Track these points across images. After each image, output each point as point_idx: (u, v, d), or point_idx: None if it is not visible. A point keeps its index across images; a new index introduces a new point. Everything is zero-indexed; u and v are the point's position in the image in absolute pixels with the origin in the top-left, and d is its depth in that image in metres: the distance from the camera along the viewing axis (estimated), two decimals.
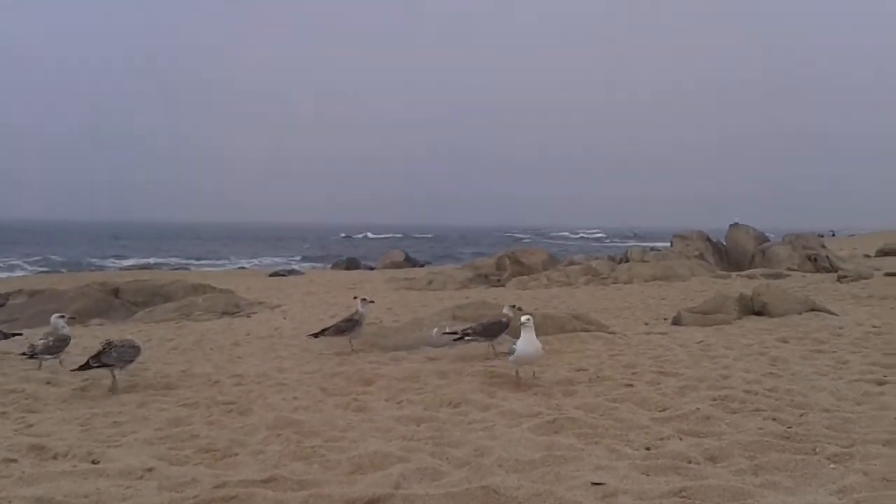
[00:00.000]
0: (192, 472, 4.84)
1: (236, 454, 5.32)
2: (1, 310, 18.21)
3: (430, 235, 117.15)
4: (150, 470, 4.84)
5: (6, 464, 5.05)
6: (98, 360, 7.65)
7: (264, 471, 4.80)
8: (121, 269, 40.16)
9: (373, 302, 10.47)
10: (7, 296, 21.18)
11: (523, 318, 7.47)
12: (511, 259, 24.21)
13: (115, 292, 18.03)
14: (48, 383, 7.97)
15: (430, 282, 23.07)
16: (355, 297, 10.79)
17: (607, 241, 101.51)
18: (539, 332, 10.74)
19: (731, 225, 26.63)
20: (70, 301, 17.03)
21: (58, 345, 8.70)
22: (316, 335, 10.35)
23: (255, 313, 16.25)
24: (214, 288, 19.11)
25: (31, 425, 6.26)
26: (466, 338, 9.22)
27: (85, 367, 7.62)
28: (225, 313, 16.25)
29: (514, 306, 9.73)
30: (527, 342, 7.34)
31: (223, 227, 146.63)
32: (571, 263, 24.27)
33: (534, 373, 7.66)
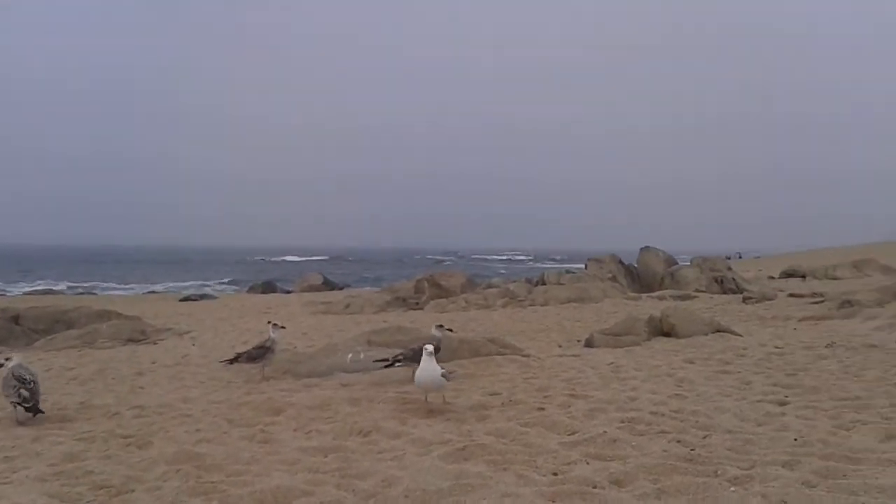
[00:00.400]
0: None
1: (132, 490, 5.07)
2: None
3: (350, 259, 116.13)
4: None
5: None
6: None
7: None
8: (24, 293, 38.26)
9: (284, 328, 10.23)
10: None
11: (427, 346, 7.44)
12: (430, 282, 24.21)
13: (15, 319, 17.10)
14: None
15: (348, 305, 22.84)
16: (269, 323, 10.54)
17: (530, 263, 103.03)
18: (455, 356, 10.79)
19: (641, 248, 27.37)
20: None
21: None
22: (231, 361, 10.05)
23: (162, 340, 15.69)
24: (120, 314, 18.38)
25: None
26: (397, 364, 9.08)
27: None
28: (130, 340, 15.62)
29: (441, 326, 9.70)
30: (422, 369, 7.29)
31: (136, 250, 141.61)
32: (489, 286, 24.47)
33: (444, 398, 7.59)
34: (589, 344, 12.21)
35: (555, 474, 5.15)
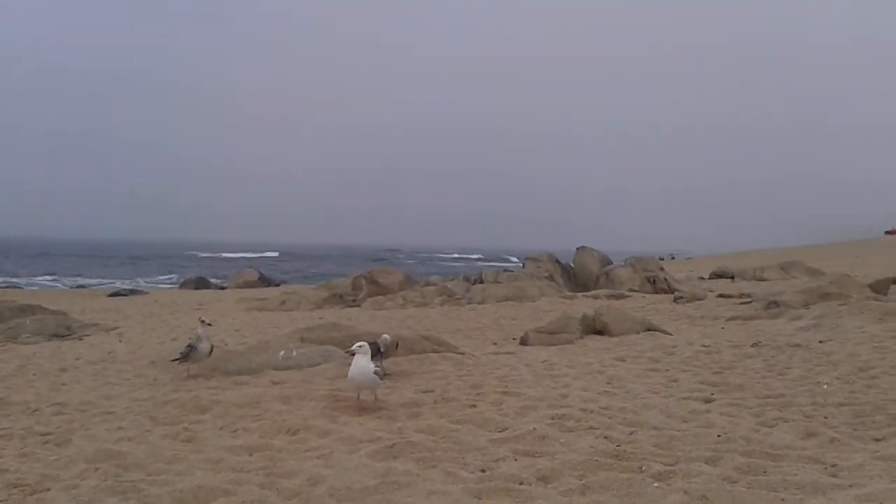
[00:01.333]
0: None
1: (48, 489, 4.88)
2: None
3: (275, 254, 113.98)
4: None
5: None
6: None
7: None
8: None
9: (211, 324, 9.96)
10: None
11: (356, 345, 7.35)
12: (367, 279, 24.05)
13: None
14: None
15: (284, 302, 22.52)
16: (201, 320, 10.28)
17: (481, 262, 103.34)
18: (389, 353, 10.72)
19: (578, 248, 27.72)
20: None
21: None
22: (179, 360, 9.71)
23: (88, 336, 15.19)
24: (45, 308, 17.71)
25: None
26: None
27: None
28: (55, 336, 15.08)
29: (386, 336, 9.53)
30: (355, 366, 7.21)
31: (69, 243, 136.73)
32: (428, 284, 24.42)
33: (376, 396, 7.52)
34: (524, 342, 12.29)
35: (482, 471, 5.15)
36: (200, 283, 36.49)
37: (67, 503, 4.61)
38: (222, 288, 36.02)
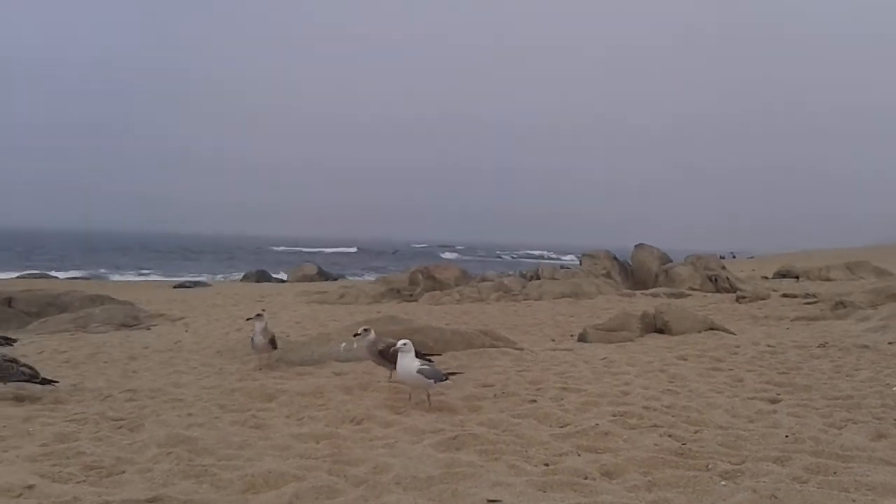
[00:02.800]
0: (73, 490, 4.58)
1: (123, 472, 5.06)
2: None
3: (353, 249, 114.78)
4: (30, 487, 4.56)
5: None
6: None
7: (150, 490, 4.57)
8: (15, 277, 38.10)
9: (259, 315, 9.95)
10: None
11: (400, 343, 7.31)
12: (424, 274, 24.19)
13: (8, 301, 17.05)
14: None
15: (342, 296, 22.82)
16: (263, 310, 10.47)
17: (531, 259, 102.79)
18: (448, 347, 10.79)
19: (636, 245, 27.37)
20: None
21: None
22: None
23: (155, 326, 15.66)
24: (113, 299, 18.33)
25: None
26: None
27: None
28: (123, 325, 15.59)
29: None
30: (399, 366, 7.20)
31: (134, 237, 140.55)
32: (484, 280, 24.43)
33: (429, 396, 7.31)
34: (582, 339, 12.22)
35: (546, 465, 5.16)
36: (261, 277, 37.24)
37: (142, 485, 4.78)
38: (282, 281, 36.67)
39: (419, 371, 7.15)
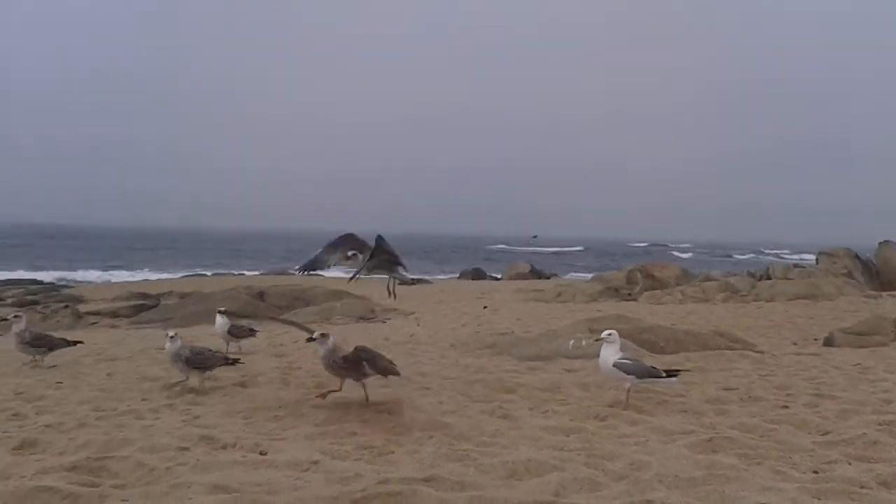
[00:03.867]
0: (354, 467, 5.03)
1: (392, 452, 5.48)
2: (155, 310, 19.59)
3: (580, 248, 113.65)
4: (315, 463, 5.07)
5: (181, 452, 5.40)
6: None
7: (421, 470, 4.92)
8: (259, 273, 42.07)
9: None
10: (159, 297, 22.81)
11: (604, 333, 7.10)
12: (642, 273, 23.69)
13: (261, 295, 18.98)
14: (207, 378, 8.47)
15: (559, 294, 22.92)
16: (484, 307, 10.85)
17: (741, 256, 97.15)
18: (680, 347, 10.54)
19: (880, 242, 24.97)
20: (218, 303, 18.05)
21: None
22: None
23: (389, 319, 16.67)
24: (351, 294, 19.73)
25: (197, 417, 6.66)
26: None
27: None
28: (361, 318, 16.77)
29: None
30: (600, 357, 7.07)
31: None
32: (707, 279, 23.45)
33: (627, 395, 7.08)
34: (828, 343, 11.42)
35: (815, 472, 4.92)
36: (477, 274, 38.33)
37: (412, 465, 5.15)
38: (496, 279, 37.47)
39: (616, 364, 6.95)
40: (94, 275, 46.29)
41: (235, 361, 8.33)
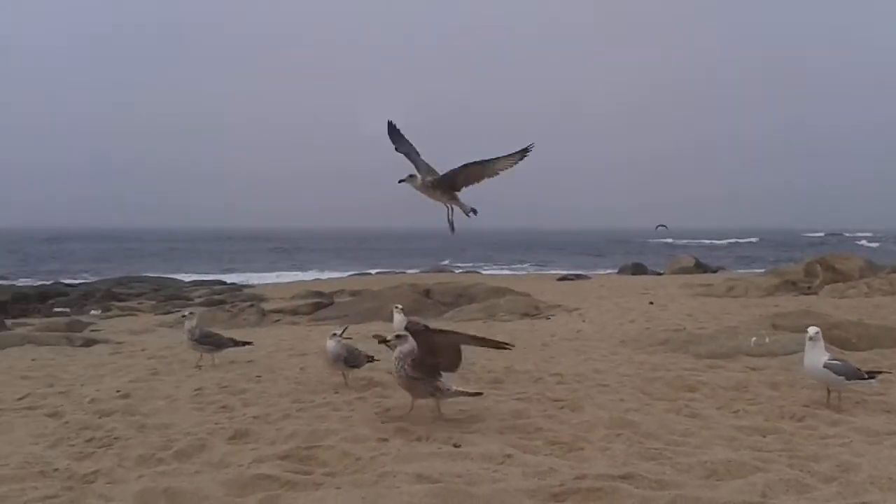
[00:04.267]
0: (547, 461, 5.11)
1: (582, 448, 5.52)
2: (332, 307, 20.67)
3: (754, 239, 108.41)
4: (508, 456, 5.20)
5: (381, 442, 5.71)
6: None
7: (617, 467, 4.93)
8: (420, 271, 43.24)
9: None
10: (332, 295, 24.06)
11: (812, 330, 6.65)
12: (822, 265, 22.19)
13: (427, 293, 19.53)
14: (389, 373, 8.86)
15: (731, 288, 21.91)
16: (650, 303, 10.60)
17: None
18: (874, 343, 9.87)
19: None
20: (389, 300, 18.76)
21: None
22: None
23: (553, 316, 16.65)
24: (513, 291, 19.89)
25: (388, 409, 6.98)
26: None
27: None
28: (525, 315, 16.85)
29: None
30: (806, 356, 6.64)
31: (515, 232, 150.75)
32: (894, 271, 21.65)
33: (839, 398, 6.73)
34: None
35: None
36: (637, 269, 37.45)
37: (605, 462, 5.17)
38: (658, 273, 36.46)
39: (826, 365, 6.52)
40: (270, 276, 49.18)
41: (371, 359, 8.55)
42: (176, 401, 7.57)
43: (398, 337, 6.41)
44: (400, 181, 6.60)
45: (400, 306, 11.10)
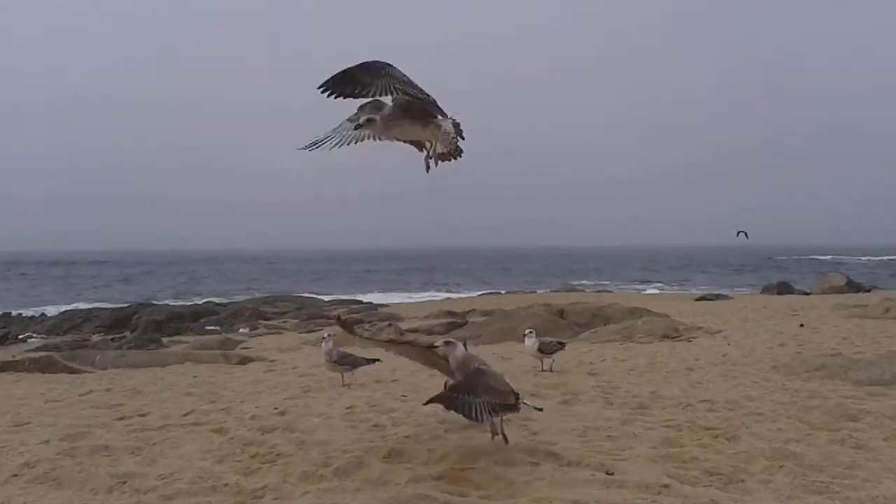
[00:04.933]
0: (707, 493, 5.01)
1: (742, 480, 5.36)
2: (465, 327, 20.96)
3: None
4: (665, 486, 5.12)
5: (533, 466, 5.76)
6: None
7: (783, 501, 4.77)
8: (550, 290, 43.04)
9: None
10: (465, 315, 24.38)
11: None
12: None
13: (560, 313, 19.43)
14: (534, 395, 8.89)
15: (888, 309, 20.47)
16: (801, 325, 10.10)
17: None
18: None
19: None
20: (522, 320, 18.81)
21: None
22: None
23: (695, 338, 16.12)
24: (650, 311, 19.45)
25: (535, 433, 7.00)
26: None
27: None
28: (665, 337, 16.41)
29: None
30: None
31: (644, 250, 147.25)
32: None
33: None
34: None
35: None
36: (783, 288, 35.67)
37: (769, 495, 5.00)
38: (806, 293, 34.58)
39: None
40: (399, 296, 50.38)
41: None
42: (330, 418, 7.92)
43: (448, 343, 6.48)
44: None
45: (530, 329, 11.11)
